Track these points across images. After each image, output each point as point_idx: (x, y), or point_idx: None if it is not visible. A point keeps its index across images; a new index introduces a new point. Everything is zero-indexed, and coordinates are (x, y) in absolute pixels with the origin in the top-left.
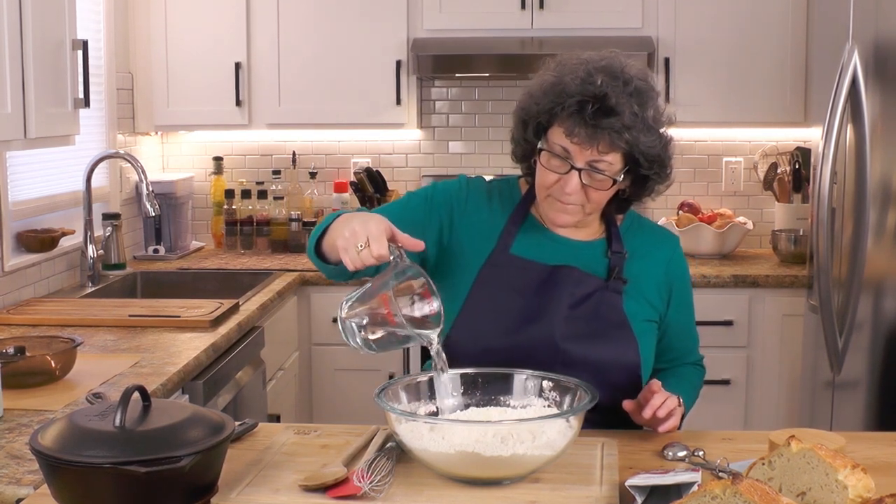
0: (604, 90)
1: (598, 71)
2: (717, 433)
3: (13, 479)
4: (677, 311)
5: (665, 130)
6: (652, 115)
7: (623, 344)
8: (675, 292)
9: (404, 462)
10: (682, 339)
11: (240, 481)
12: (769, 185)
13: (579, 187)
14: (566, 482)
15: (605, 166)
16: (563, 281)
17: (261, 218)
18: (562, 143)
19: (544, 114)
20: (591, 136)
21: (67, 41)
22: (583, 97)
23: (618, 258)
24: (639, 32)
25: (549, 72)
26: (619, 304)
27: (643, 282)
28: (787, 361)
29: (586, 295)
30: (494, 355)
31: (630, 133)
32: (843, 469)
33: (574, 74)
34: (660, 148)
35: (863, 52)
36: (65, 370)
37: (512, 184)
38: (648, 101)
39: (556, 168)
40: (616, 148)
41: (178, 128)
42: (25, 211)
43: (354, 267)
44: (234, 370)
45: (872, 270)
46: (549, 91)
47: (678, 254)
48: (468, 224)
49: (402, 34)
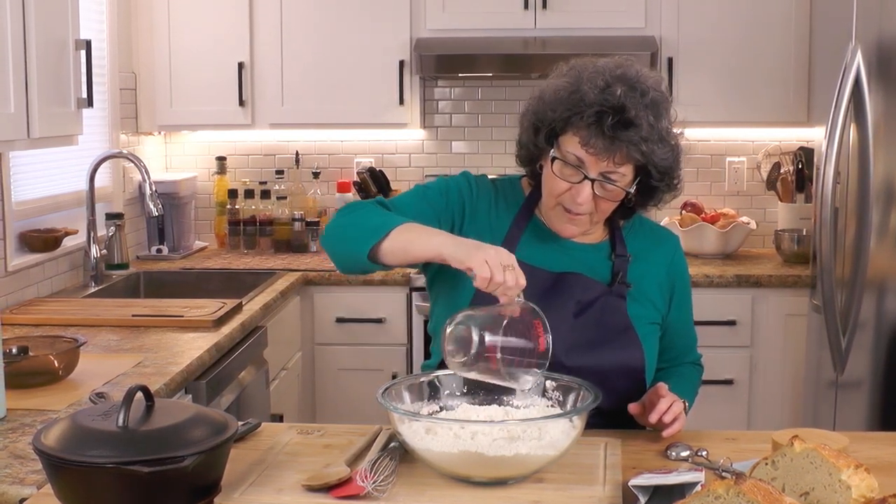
0: (623, 101)
1: (616, 80)
2: (721, 433)
3: (16, 479)
4: (678, 310)
5: (676, 141)
6: (665, 126)
7: (628, 350)
8: (677, 293)
9: (407, 462)
10: (682, 338)
11: (243, 481)
12: (772, 185)
13: (591, 197)
14: (569, 482)
15: (617, 177)
16: (569, 288)
17: (264, 218)
18: (576, 153)
19: (560, 121)
20: (608, 148)
21: (70, 41)
22: (602, 108)
23: (622, 262)
24: (642, 32)
25: (564, 78)
26: (624, 308)
27: (646, 284)
28: (791, 361)
29: (591, 301)
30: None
31: (646, 145)
32: (847, 469)
33: (592, 83)
34: (672, 160)
35: (866, 52)
36: (68, 370)
37: (515, 183)
38: (663, 112)
39: (569, 177)
40: (631, 160)
41: (181, 127)
42: (29, 211)
43: (492, 289)
44: (237, 370)
45: (875, 270)
46: (565, 99)
47: (679, 254)
48: (476, 224)
49: (405, 34)
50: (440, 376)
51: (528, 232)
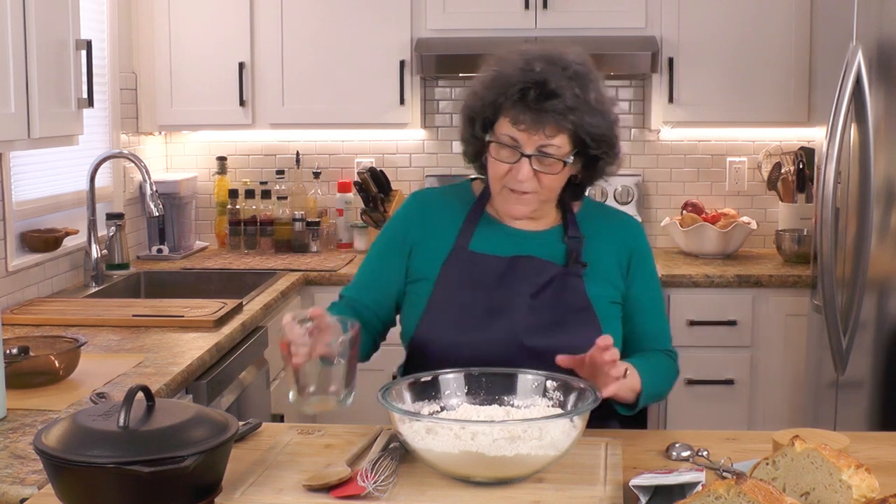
0: (543, 76)
1: (536, 59)
2: (721, 433)
3: (17, 479)
4: (640, 290)
5: (610, 112)
6: (594, 97)
7: (587, 329)
8: (637, 271)
9: (408, 462)
10: (649, 324)
11: (243, 481)
12: (773, 185)
13: (531, 174)
14: (570, 482)
15: (553, 150)
16: (523, 271)
17: (264, 218)
18: (509, 133)
19: (489, 107)
20: (537, 121)
21: (71, 41)
22: (524, 84)
23: (575, 242)
24: (642, 32)
25: (490, 67)
26: (582, 287)
27: (603, 263)
28: (791, 361)
29: (547, 282)
30: (460, 351)
31: (574, 114)
32: (847, 469)
33: (514, 66)
34: (605, 128)
35: (866, 52)
36: (68, 370)
37: (465, 186)
38: (589, 84)
39: (507, 158)
40: (562, 130)
41: (181, 127)
42: (29, 211)
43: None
44: (237, 370)
45: (876, 270)
46: (490, 85)
47: (638, 235)
48: (426, 234)
49: (405, 34)
50: (441, 376)
51: (480, 226)
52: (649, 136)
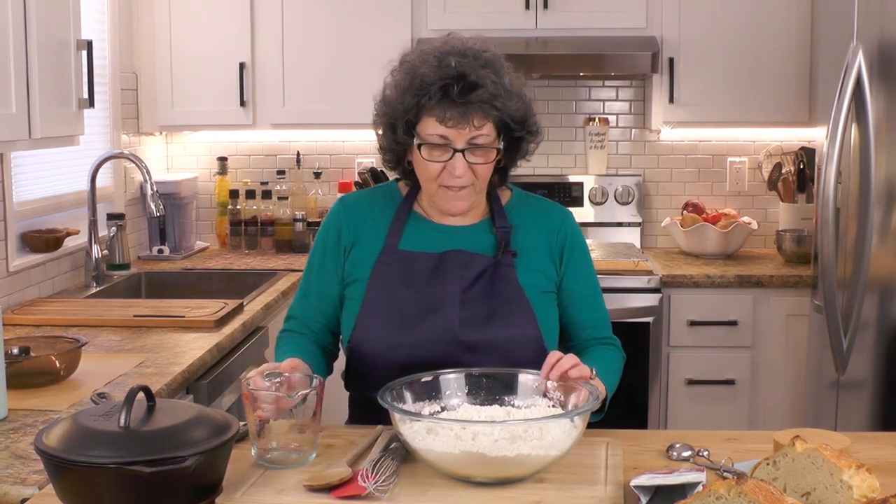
0: (461, 69)
1: (447, 54)
2: (722, 433)
3: (18, 480)
4: (575, 278)
5: (524, 92)
6: (508, 80)
7: (522, 319)
8: (568, 257)
9: (409, 462)
10: (585, 312)
11: (244, 481)
12: (774, 185)
13: (466, 167)
14: (571, 482)
15: (483, 139)
16: (452, 265)
17: (265, 218)
18: (437, 132)
19: (412, 110)
20: (464, 114)
21: (72, 41)
22: (444, 81)
23: (503, 233)
24: (643, 32)
25: (399, 73)
26: (514, 276)
27: (534, 252)
28: (792, 362)
29: (478, 275)
30: (398, 351)
31: (498, 101)
32: (848, 469)
33: (427, 65)
34: (525, 108)
35: (867, 52)
36: (69, 370)
37: (391, 187)
38: (501, 69)
39: (439, 157)
40: (488, 118)
41: (182, 128)
42: (30, 211)
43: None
44: (238, 370)
45: (877, 270)
46: (407, 88)
47: (568, 222)
48: (356, 237)
49: (406, 34)
50: (441, 376)
51: (409, 224)
52: (650, 137)
